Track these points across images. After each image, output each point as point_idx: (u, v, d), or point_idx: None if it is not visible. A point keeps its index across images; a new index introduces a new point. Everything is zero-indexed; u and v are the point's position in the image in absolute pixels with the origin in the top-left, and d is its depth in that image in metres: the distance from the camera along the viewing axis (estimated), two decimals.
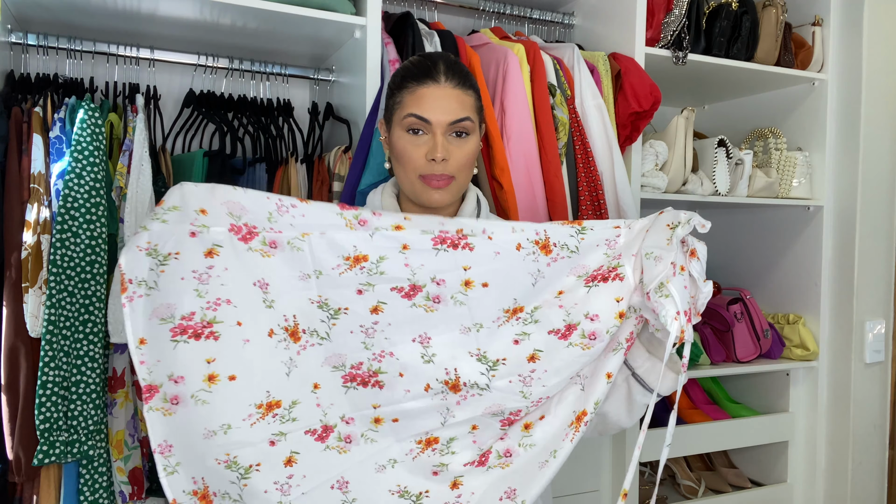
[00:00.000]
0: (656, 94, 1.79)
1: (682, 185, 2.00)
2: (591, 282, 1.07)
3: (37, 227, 1.36)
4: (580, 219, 1.67)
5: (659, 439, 2.01)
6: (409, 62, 1.19)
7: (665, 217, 1.06)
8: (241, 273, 1.01)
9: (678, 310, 0.98)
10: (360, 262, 1.03)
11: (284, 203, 1.03)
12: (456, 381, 1.06)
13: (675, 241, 1.01)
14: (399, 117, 1.14)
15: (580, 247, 1.07)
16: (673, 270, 1.00)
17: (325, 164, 1.74)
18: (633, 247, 1.07)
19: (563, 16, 2.11)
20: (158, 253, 0.98)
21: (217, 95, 1.83)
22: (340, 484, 1.06)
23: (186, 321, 0.99)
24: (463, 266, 1.05)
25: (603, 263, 1.08)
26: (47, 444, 1.32)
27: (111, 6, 1.58)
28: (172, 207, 0.99)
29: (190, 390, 0.99)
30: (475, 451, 1.09)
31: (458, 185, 1.15)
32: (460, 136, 1.14)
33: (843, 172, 2.17)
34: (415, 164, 1.13)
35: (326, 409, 1.06)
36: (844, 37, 2.16)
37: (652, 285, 1.00)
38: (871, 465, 2.20)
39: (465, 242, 1.05)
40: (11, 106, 1.42)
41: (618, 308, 1.05)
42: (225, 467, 1.01)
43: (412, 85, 1.14)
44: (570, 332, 1.06)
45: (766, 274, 2.39)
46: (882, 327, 2.17)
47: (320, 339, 1.05)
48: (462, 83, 1.15)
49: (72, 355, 1.35)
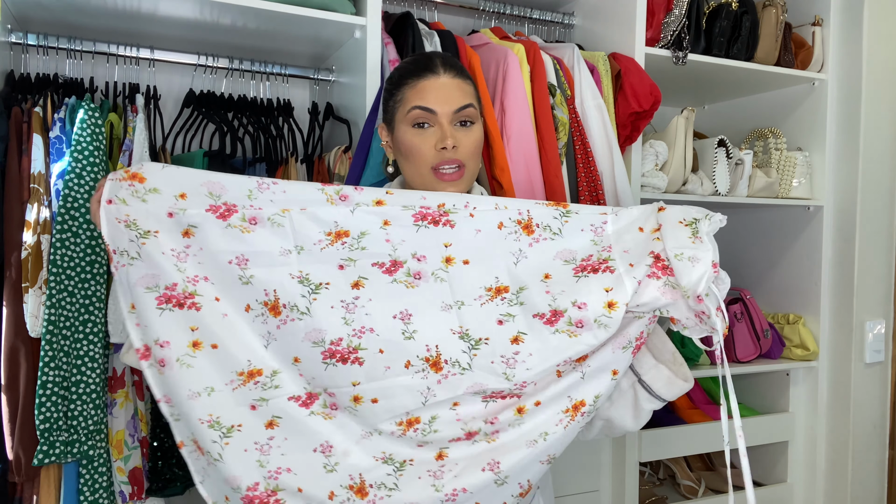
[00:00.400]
0: (656, 94, 1.79)
1: (682, 185, 2.00)
2: (580, 272, 1.06)
3: (37, 227, 1.37)
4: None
5: (659, 439, 2.02)
6: (404, 62, 1.20)
7: (673, 214, 1.05)
8: (217, 252, 1.03)
9: (719, 304, 1.00)
10: (342, 238, 1.04)
11: (265, 182, 1.04)
12: (437, 359, 1.06)
13: (707, 239, 1.01)
14: (403, 113, 1.14)
15: (563, 229, 1.07)
16: (715, 270, 1.00)
17: (325, 164, 1.74)
18: (624, 241, 1.06)
19: (563, 16, 2.12)
20: (138, 227, 1.02)
21: (217, 95, 1.83)
22: (324, 448, 1.06)
23: (170, 291, 1.03)
24: (444, 243, 1.05)
25: (592, 253, 1.07)
26: (47, 444, 1.32)
27: (111, 6, 1.58)
28: (153, 189, 1.02)
29: (175, 354, 1.03)
30: (459, 429, 1.08)
31: (469, 175, 1.15)
32: (465, 124, 1.14)
33: (843, 172, 2.17)
34: (425, 157, 1.12)
35: (309, 381, 1.07)
36: (844, 37, 2.16)
37: (701, 288, 0.99)
38: (871, 465, 2.20)
39: (447, 220, 1.05)
40: (11, 106, 1.42)
41: (607, 298, 1.04)
42: (208, 426, 1.04)
43: (412, 80, 1.14)
44: (556, 319, 1.05)
45: (766, 274, 2.39)
46: (882, 327, 2.18)
47: (300, 314, 1.04)
48: (460, 74, 1.16)
49: (72, 355, 1.35)
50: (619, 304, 1.03)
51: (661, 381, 1.11)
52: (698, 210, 1.05)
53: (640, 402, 1.13)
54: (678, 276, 1.01)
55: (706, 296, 1.00)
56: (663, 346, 1.12)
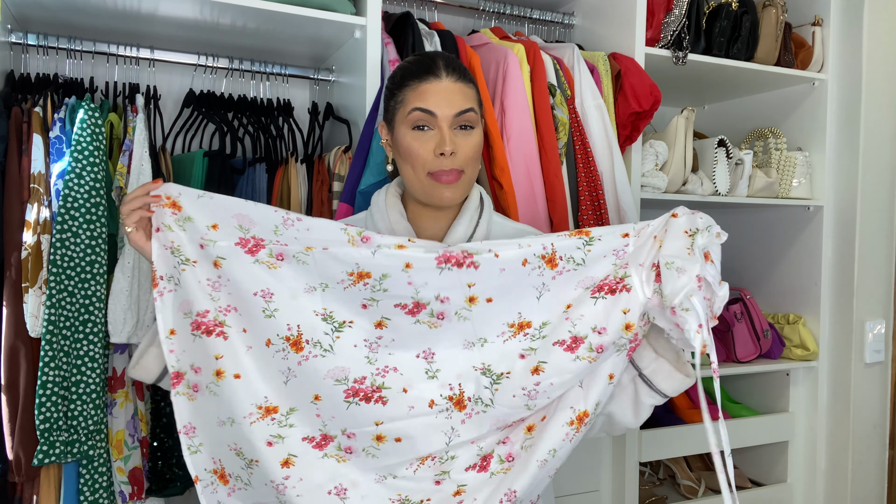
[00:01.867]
0: (656, 94, 1.79)
1: (682, 185, 2.00)
2: (597, 292, 1.05)
3: (37, 227, 1.36)
4: (581, 220, 1.67)
5: (659, 439, 2.02)
6: (406, 62, 1.19)
7: (681, 222, 1.04)
8: (244, 283, 1.04)
9: (700, 322, 0.98)
10: (364, 279, 1.04)
11: (290, 217, 1.05)
12: (460, 397, 1.06)
13: (698, 252, 1.00)
14: (403, 115, 1.13)
15: (586, 259, 1.07)
16: (698, 284, 0.98)
17: (325, 164, 1.74)
18: (640, 255, 1.05)
19: (563, 16, 2.12)
20: (181, 254, 1.04)
21: (217, 95, 1.83)
22: (339, 490, 1.06)
23: (201, 318, 1.05)
24: (467, 283, 1.05)
25: (609, 273, 1.07)
26: (47, 444, 1.32)
27: (111, 6, 1.58)
28: (188, 218, 1.05)
29: (205, 381, 1.05)
30: (474, 454, 1.08)
31: (467, 180, 1.14)
32: (465, 129, 1.13)
33: (843, 172, 2.17)
34: (423, 161, 1.11)
35: (327, 421, 1.06)
36: (844, 37, 2.16)
37: (677, 300, 0.98)
38: (871, 465, 2.20)
39: (471, 261, 1.04)
40: (11, 106, 1.42)
41: (625, 319, 1.04)
42: (235, 454, 1.06)
43: (414, 82, 1.13)
44: (576, 345, 1.04)
45: (766, 274, 2.39)
46: (882, 327, 2.18)
47: (323, 350, 1.05)
48: (462, 77, 1.15)
49: (72, 355, 1.35)
50: (634, 325, 1.04)
51: (662, 374, 1.11)
52: (706, 221, 1.03)
53: (641, 396, 1.13)
54: (663, 284, 1.01)
55: (684, 310, 0.98)
56: (668, 345, 1.12)
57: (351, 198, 1.49)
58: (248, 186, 1.72)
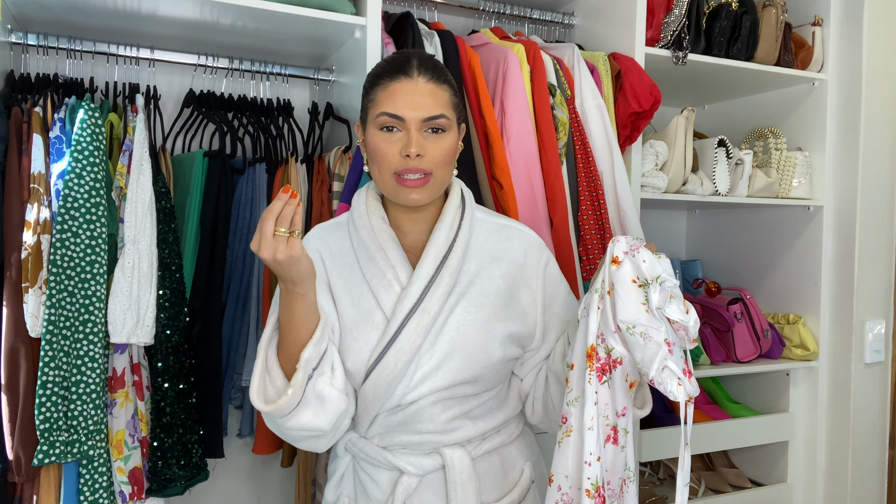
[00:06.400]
0: (656, 94, 1.79)
1: (682, 185, 2.00)
2: (603, 376, 1.02)
3: (37, 227, 1.37)
4: (581, 220, 1.67)
5: (659, 439, 2.02)
6: (383, 60, 1.17)
7: (625, 271, 0.97)
8: None
9: (678, 377, 0.94)
10: None
11: None
12: None
13: (657, 314, 0.94)
14: (372, 116, 1.11)
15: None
16: (669, 349, 0.94)
17: (325, 164, 1.74)
18: (607, 320, 1.00)
19: (563, 16, 2.12)
20: None
21: (217, 95, 1.83)
22: None
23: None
24: None
25: (596, 348, 1.02)
26: (47, 444, 1.32)
27: (111, 6, 1.58)
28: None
29: None
30: None
31: (436, 183, 1.12)
32: (436, 132, 1.11)
33: (843, 172, 2.17)
34: (389, 162, 1.09)
35: None
36: (844, 37, 2.16)
37: (653, 372, 0.94)
38: (871, 465, 2.20)
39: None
40: (11, 106, 1.42)
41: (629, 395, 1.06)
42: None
43: (385, 81, 1.11)
44: (616, 434, 1.03)
45: (766, 274, 2.39)
46: (882, 327, 2.18)
47: None
48: (436, 77, 1.12)
49: (72, 355, 1.35)
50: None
51: (640, 396, 1.12)
52: (650, 266, 0.96)
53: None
54: (631, 349, 0.97)
55: (663, 370, 0.94)
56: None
57: (351, 198, 1.49)
58: (248, 186, 1.73)
